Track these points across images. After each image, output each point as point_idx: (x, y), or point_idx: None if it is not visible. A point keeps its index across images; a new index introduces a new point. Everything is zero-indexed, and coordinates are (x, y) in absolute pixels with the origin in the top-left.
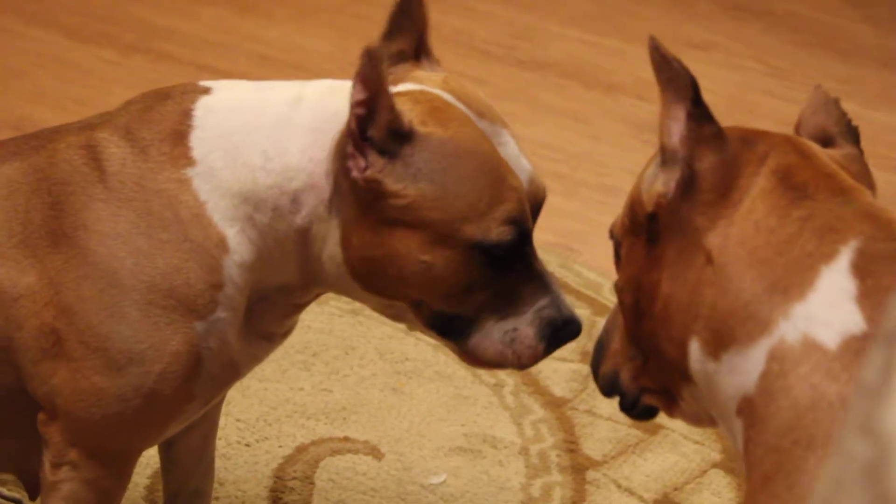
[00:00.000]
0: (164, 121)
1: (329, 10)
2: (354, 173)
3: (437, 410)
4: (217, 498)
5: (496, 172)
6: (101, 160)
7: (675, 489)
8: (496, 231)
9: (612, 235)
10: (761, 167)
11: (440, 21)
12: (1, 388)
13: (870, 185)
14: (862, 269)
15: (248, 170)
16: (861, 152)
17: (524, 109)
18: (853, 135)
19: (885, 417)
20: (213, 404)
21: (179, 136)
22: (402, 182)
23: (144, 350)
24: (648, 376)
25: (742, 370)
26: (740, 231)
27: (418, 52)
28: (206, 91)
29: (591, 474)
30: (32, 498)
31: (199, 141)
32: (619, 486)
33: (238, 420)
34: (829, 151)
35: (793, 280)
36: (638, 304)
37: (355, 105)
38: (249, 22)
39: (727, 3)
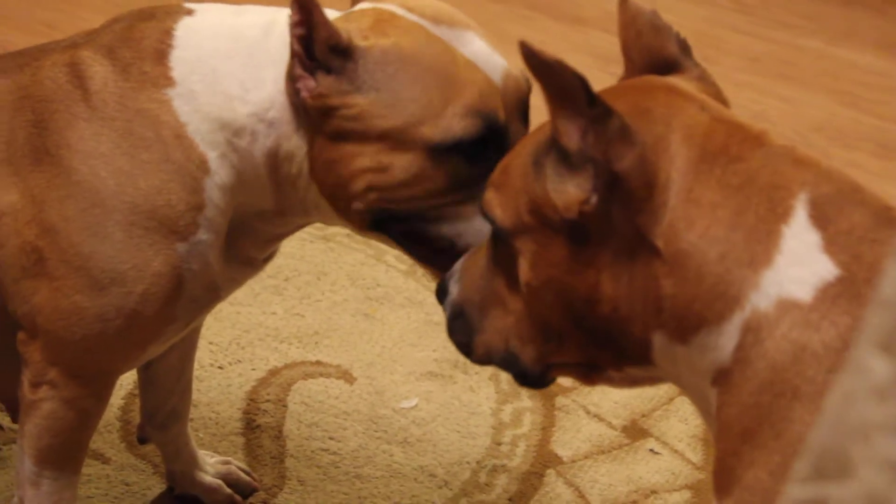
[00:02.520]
0: (145, 39)
1: None
2: (303, 93)
3: (409, 336)
4: (191, 419)
5: (446, 71)
6: (84, 79)
7: (643, 416)
8: (459, 126)
9: (488, 217)
10: (671, 137)
11: None
12: None
13: (724, 101)
14: (819, 217)
15: (227, 98)
16: (702, 67)
17: (492, 41)
18: (686, 49)
19: None
20: (193, 327)
21: (160, 55)
22: (349, 96)
23: (126, 270)
24: (566, 355)
25: (714, 346)
26: (685, 215)
27: None
28: (189, 12)
29: (560, 400)
30: (15, 420)
31: (179, 61)
32: (587, 412)
33: (211, 343)
34: (685, 80)
35: (756, 249)
36: (570, 305)
37: (293, 26)
38: None
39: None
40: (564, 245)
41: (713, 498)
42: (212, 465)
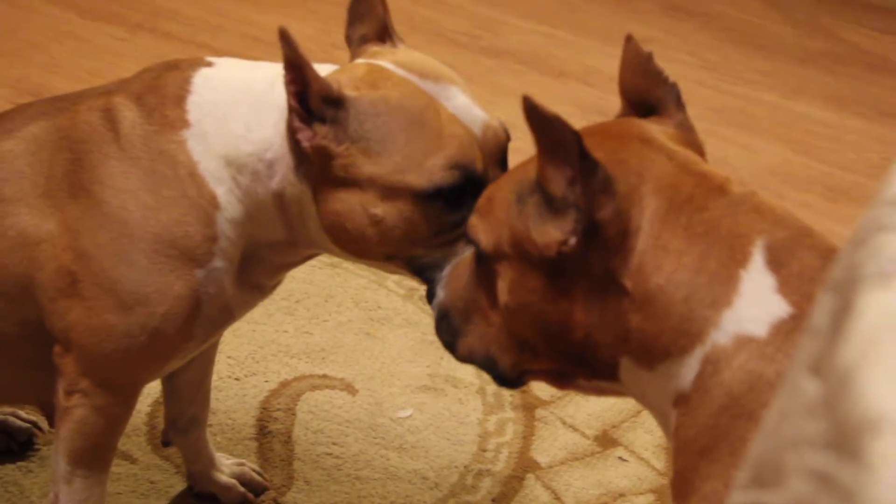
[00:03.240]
0: (167, 87)
1: None
2: (304, 143)
3: (406, 353)
4: (210, 425)
5: (430, 123)
6: (115, 122)
7: (613, 426)
8: (439, 176)
9: (472, 241)
10: (643, 188)
11: (412, 11)
12: (26, 324)
13: (700, 150)
14: (774, 262)
15: (233, 137)
16: (686, 114)
17: (486, 92)
18: (675, 95)
19: (838, 356)
20: (210, 343)
21: (178, 100)
22: (343, 143)
23: (150, 293)
24: (540, 364)
25: (676, 375)
26: (653, 260)
27: (382, 35)
28: (209, 64)
29: (539, 412)
30: (51, 425)
31: (195, 105)
32: (564, 423)
33: (229, 357)
34: (665, 127)
35: (717, 292)
36: (545, 328)
37: (287, 84)
38: (243, 7)
39: (665, 2)
40: (541, 276)
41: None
42: (227, 466)
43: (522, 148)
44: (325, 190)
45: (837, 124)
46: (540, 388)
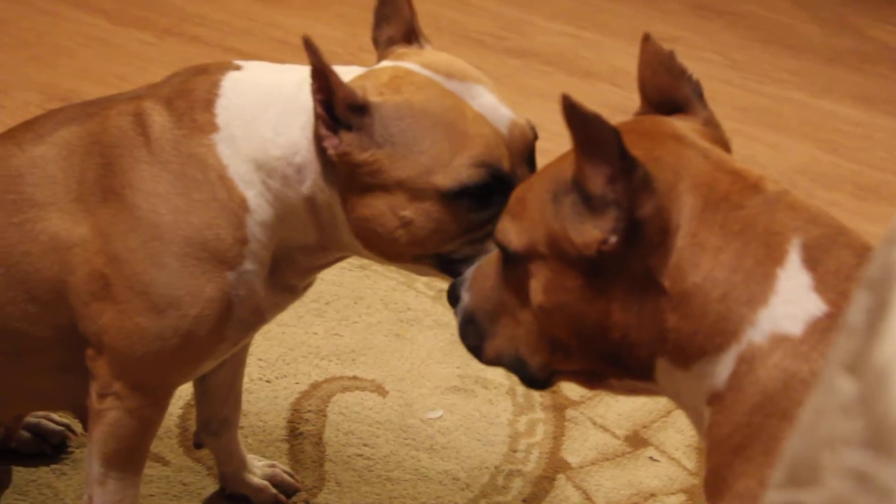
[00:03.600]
0: (196, 91)
1: (340, 1)
2: (330, 151)
3: (435, 354)
4: (241, 427)
5: (456, 124)
6: (145, 126)
7: (644, 426)
8: (465, 175)
9: (502, 244)
10: (680, 185)
11: (439, 13)
12: (59, 328)
13: (727, 147)
14: (810, 260)
15: (262, 141)
16: (710, 110)
17: (512, 93)
18: (699, 92)
19: (874, 355)
20: (242, 345)
21: (207, 103)
22: (369, 149)
23: (182, 296)
24: (572, 365)
25: (711, 374)
26: (690, 258)
27: (408, 36)
28: (238, 68)
29: (569, 412)
30: (85, 428)
31: (223, 109)
32: (594, 423)
33: (260, 359)
34: (693, 124)
35: (753, 290)
36: (581, 329)
37: (314, 93)
38: (270, 10)
39: (692, 2)
40: (578, 276)
41: (705, 502)
42: (259, 467)
43: (550, 149)
44: (353, 196)
45: (866, 122)
46: (570, 389)
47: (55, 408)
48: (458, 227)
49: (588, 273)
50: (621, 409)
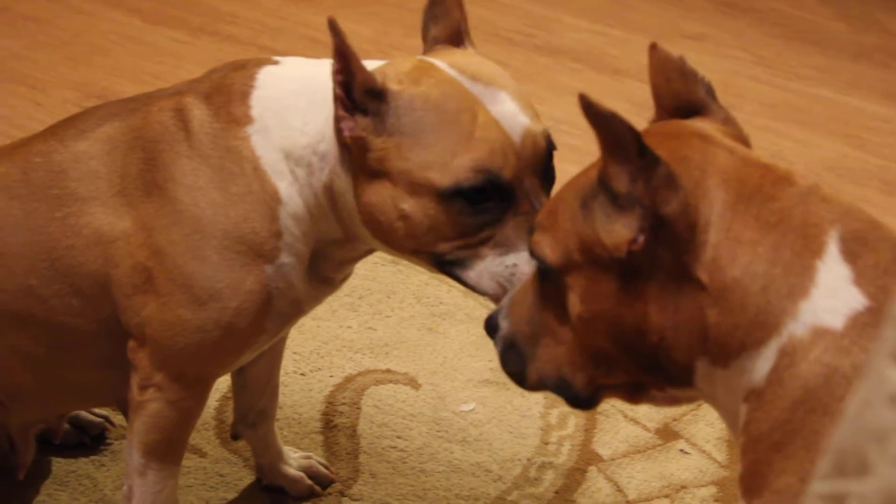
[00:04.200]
0: (234, 85)
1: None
2: (345, 133)
3: (468, 348)
4: (277, 419)
5: (464, 124)
6: (186, 121)
7: (674, 419)
8: (462, 177)
9: (537, 257)
10: (708, 181)
11: (468, 11)
12: (103, 321)
13: (746, 142)
14: (849, 253)
15: (291, 131)
16: (723, 107)
17: (542, 90)
18: (713, 93)
19: None
20: (280, 337)
21: (243, 96)
22: (380, 135)
23: (222, 288)
24: (614, 379)
25: (752, 369)
26: (728, 252)
27: (454, 38)
28: (275, 62)
29: (601, 405)
30: (127, 419)
31: (258, 101)
32: (625, 416)
33: (294, 353)
34: (712, 124)
35: (793, 282)
36: (620, 336)
37: (334, 74)
38: (302, 9)
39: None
40: (614, 280)
41: (741, 499)
42: (295, 459)
43: (580, 146)
44: (362, 182)
45: (893, 118)
46: None
47: (97, 404)
48: (452, 227)
49: (623, 276)
50: None
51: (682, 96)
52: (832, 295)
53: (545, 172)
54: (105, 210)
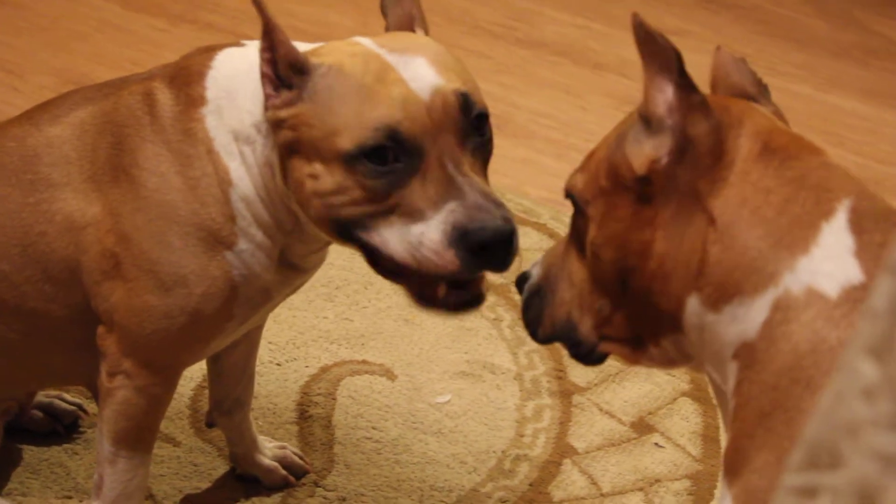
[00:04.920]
0: (192, 66)
1: None
2: (268, 112)
3: (444, 339)
4: (252, 409)
5: (368, 87)
6: (152, 106)
7: (650, 413)
8: (363, 136)
9: (570, 195)
10: (741, 129)
11: (450, 3)
12: (74, 306)
13: None
14: (857, 225)
15: (239, 110)
16: (777, 107)
17: (522, 83)
18: (768, 93)
19: None
20: (253, 324)
21: (200, 77)
22: (295, 106)
23: (187, 274)
24: (615, 327)
25: (744, 319)
26: (740, 192)
27: (405, 25)
28: (239, 45)
29: (576, 398)
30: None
31: (212, 80)
32: (600, 410)
33: (270, 343)
34: (765, 108)
35: (796, 236)
36: (624, 261)
37: (262, 52)
38: None
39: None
40: (631, 204)
41: (722, 481)
42: (270, 449)
43: (557, 139)
44: (285, 158)
45: (872, 116)
46: (576, 375)
47: (69, 384)
48: (360, 191)
49: (638, 200)
50: (627, 395)
51: (737, 89)
52: (831, 259)
53: (464, 134)
54: (76, 196)
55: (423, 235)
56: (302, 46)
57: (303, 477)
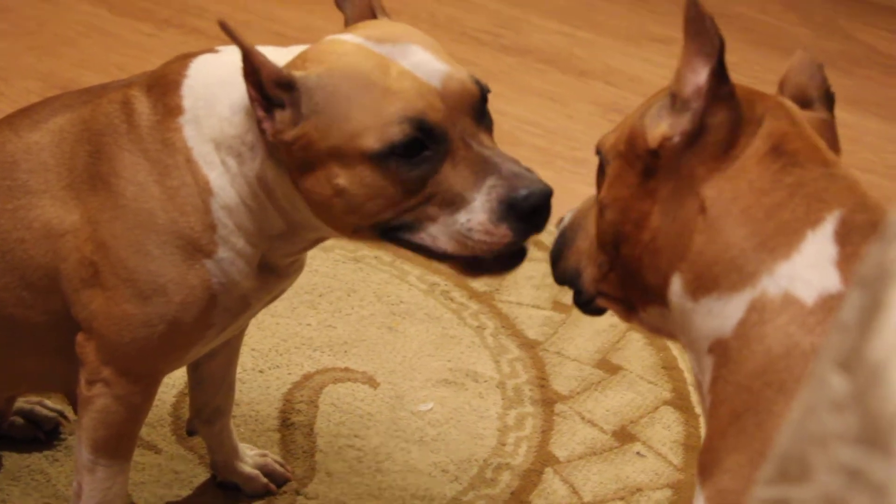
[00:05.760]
0: (169, 74)
1: None
2: (269, 137)
3: (427, 347)
4: (234, 416)
5: (377, 83)
6: (130, 114)
7: (631, 422)
8: (389, 133)
9: (599, 152)
10: (757, 128)
11: (436, 10)
12: (53, 314)
13: (837, 149)
14: (843, 236)
15: (219, 120)
16: (833, 118)
17: (508, 90)
18: (830, 101)
19: (868, 352)
20: (233, 332)
21: (176, 85)
22: (299, 125)
23: (166, 283)
24: (610, 284)
25: (720, 315)
26: (734, 188)
27: (366, 16)
28: (215, 51)
29: (558, 407)
30: (77, 413)
31: (189, 89)
32: (582, 418)
33: (253, 350)
34: (808, 114)
35: (780, 241)
36: (621, 226)
37: (245, 77)
38: (269, 4)
39: (685, 3)
40: (638, 174)
41: (696, 481)
42: (251, 456)
43: (543, 146)
44: (296, 173)
45: (854, 125)
46: (559, 384)
47: (49, 390)
48: (395, 189)
49: (645, 172)
50: (609, 404)
51: (800, 88)
52: (811, 267)
53: (478, 114)
54: (54, 203)
55: (471, 221)
56: (278, 52)
57: (284, 485)
